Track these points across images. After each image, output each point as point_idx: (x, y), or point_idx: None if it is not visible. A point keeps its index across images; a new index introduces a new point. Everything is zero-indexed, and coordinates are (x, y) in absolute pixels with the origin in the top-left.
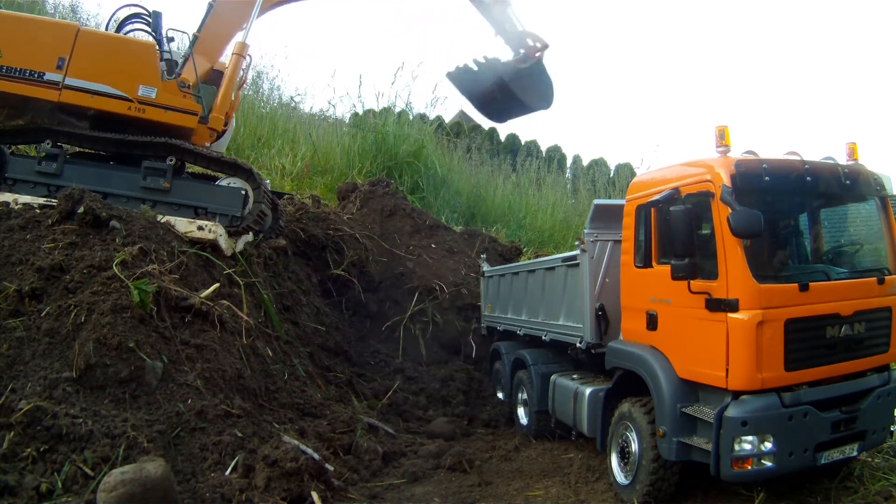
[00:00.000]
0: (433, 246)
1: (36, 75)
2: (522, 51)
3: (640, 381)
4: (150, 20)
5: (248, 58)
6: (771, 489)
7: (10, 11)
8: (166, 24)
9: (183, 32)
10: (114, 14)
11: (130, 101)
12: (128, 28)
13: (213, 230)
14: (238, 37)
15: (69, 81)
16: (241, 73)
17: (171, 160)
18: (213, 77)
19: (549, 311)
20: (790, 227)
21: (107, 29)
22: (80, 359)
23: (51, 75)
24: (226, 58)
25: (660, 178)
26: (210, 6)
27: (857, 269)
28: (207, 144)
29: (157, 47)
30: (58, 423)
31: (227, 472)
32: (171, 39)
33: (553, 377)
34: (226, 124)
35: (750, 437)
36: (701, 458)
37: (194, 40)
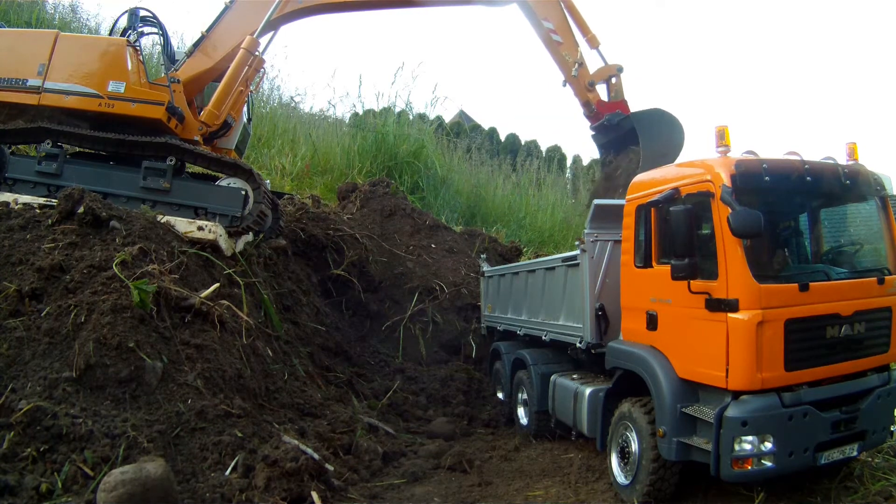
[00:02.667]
0: (433, 246)
1: (20, 83)
2: (592, 107)
3: (640, 381)
4: (156, 19)
5: (262, 70)
6: (771, 489)
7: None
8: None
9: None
10: (118, 19)
11: (101, 97)
12: (133, 35)
13: (213, 230)
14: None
15: (48, 85)
16: (258, 76)
17: (171, 160)
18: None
19: (549, 311)
20: (790, 227)
21: (111, 33)
22: (80, 359)
23: (33, 81)
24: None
25: (660, 178)
26: (226, 7)
27: (857, 269)
28: (197, 138)
29: (164, 43)
30: (58, 423)
31: (227, 472)
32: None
33: (553, 377)
34: (228, 121)
35: (750, 437)
36: (701, 458)
37: (201, 39)
